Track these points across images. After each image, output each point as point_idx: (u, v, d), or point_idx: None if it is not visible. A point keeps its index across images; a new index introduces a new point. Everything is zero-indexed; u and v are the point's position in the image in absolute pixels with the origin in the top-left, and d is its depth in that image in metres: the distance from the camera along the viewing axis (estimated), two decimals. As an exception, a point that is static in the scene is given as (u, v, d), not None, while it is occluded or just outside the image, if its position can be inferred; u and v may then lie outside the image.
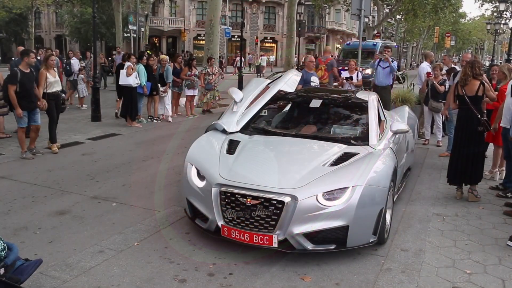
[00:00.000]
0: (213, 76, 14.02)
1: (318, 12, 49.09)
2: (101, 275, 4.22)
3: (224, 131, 5.92)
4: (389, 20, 45.26)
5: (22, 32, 48.54)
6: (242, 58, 26.18)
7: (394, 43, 31.23)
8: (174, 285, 4.04)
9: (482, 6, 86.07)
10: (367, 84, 14.74)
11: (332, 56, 16.84)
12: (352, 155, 5.12)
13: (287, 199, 4.32)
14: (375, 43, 25.40)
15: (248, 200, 4.40)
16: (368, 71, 13.50)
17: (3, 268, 3.04)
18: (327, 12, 57.53)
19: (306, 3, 42.17)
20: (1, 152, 8.83)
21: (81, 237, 5.07)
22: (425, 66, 11.46)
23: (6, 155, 8.64)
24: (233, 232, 4.47)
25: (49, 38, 57.12)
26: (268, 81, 6.94)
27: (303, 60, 25.81)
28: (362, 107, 6.37)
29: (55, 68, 9.14)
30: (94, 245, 4.85)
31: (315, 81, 10.20)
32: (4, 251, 3.09)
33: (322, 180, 4.56)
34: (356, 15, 13.33)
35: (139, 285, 4.05)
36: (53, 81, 8.83)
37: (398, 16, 45.25)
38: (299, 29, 28.66)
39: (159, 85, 12.80)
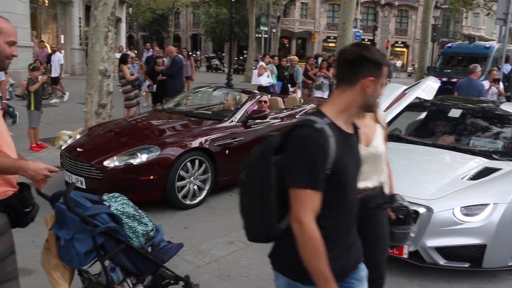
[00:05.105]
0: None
1: (454, 16, 46.54)
2: (230, 265, 4.43)
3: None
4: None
5: (162, 31, 52.17)
6: None
7: None
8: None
9: None
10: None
11: None
12: (494, 170, 4.81)
13: (422, 210, 4.19)
14: (488, 45, 19.89)
15: (381, 208, 4.30)
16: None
17: (150, 247, 3.33)
18: (464, 16, 54.30)
19: (442, 6, 40.22)
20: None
21: (213, 226, 5.36)
22: None
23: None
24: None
25: (186, 37, 60.64)
26: (404, 87, 6.75)
27: None
28: (507, 119, 5.96)
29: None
30: (224, 235, 5.09)
31: None
32: (153, 231, 3.36)
33: (460, 194, 4.36)
34: (502, 19, 12.43)
35: (266, 279, 4.19)
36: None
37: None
38: (434, 34, 27.36)
39: (289, 85, 13.04)
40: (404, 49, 56.83)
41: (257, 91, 7.85)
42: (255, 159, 2.05)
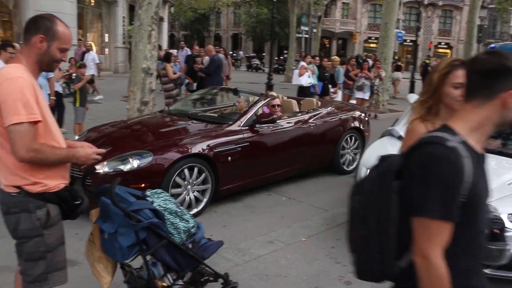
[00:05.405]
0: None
1: (501, 16, 45.19)
2: (269, 264, 4.42)
3: (400, 138, 5.77)
4: None
5: (203, 30, 52.71)
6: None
7: None
8: (339, 286, 4.07)
9: None
10: None
11: None
12: (543, 176, 4.65)
13: (466, 216, 4.07)
14: None
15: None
16: None
17: (191, 244, 3.36)
18: (512, 16, 52.75)
19: (489, 6, 39.10)
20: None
21: (252, 225, 5.37)
22: None
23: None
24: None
25: (226, 36, 61.00)
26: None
27: None
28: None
29: None
30: (263, 234, 5.10)
31: None
32: (194, 228, 3.40)
33: (507, 200, 4.22)
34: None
35: (305, 279, 4.17)
36: None
37: None
38: (480, 34, 26.51)
39: (330, 86, 12.97)
40: (448, 50, 55.51)
41: (271, 93, 7.56)
42: (371, 184, 1.77)
